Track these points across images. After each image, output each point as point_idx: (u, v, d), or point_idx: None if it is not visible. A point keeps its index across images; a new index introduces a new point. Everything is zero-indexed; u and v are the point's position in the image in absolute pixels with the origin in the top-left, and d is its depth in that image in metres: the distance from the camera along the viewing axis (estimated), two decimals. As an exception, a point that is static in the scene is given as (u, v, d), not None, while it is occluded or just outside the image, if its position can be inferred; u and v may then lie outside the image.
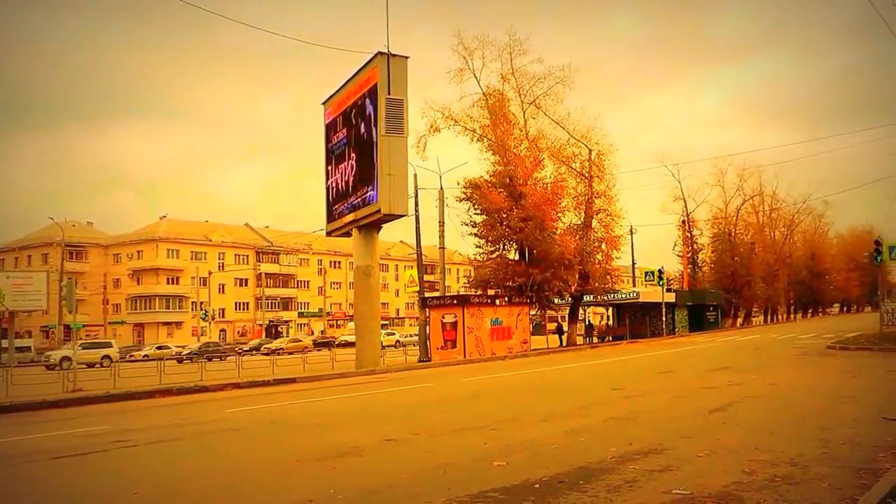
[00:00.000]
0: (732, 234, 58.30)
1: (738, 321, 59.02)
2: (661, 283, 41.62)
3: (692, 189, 60.95)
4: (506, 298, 31.24)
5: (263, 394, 17.05)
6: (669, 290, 44.66)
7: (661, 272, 42.80)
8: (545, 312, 39.83)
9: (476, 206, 32.33)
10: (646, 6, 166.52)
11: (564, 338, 36.72)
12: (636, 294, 42.53)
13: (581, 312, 43.80)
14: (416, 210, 29.03)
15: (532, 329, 33.85)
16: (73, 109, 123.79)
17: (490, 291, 32.72)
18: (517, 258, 33.27)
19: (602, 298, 39.02)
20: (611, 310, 48.32)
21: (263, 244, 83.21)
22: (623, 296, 41.72)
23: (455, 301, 30.59)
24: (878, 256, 28.31)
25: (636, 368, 20.33)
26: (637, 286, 47.88)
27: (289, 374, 21.38)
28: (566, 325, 37.68)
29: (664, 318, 41.42)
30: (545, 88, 33.54)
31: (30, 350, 46.78)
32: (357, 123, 25.36)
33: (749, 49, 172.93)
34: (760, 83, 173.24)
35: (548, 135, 35.08)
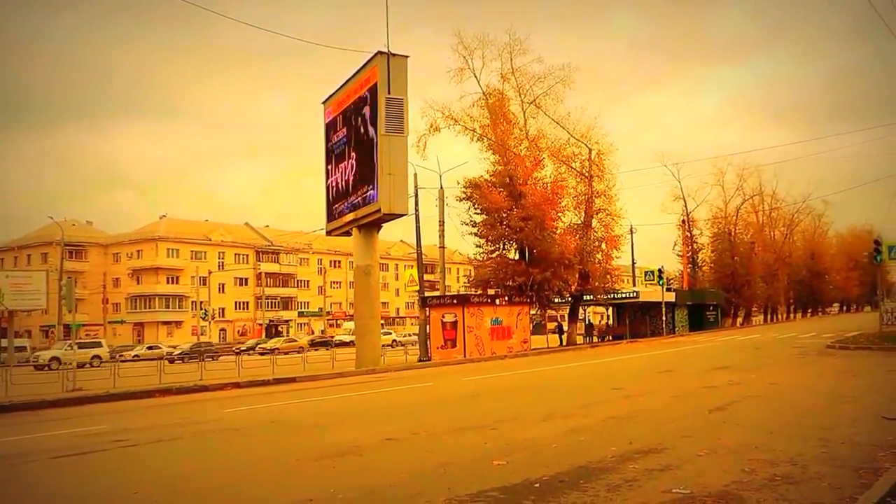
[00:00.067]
0: (732, 234, 58.34)
1: (738, 321, 59.04)
2: (661, 283, 41.66)
3: (692, 189, 61.23)
4: (506, 298, 31.24)
5: (263, 393, 17.06)
6: (669, 290, 44.67)
7: (661, 272, 42.85)
8: (545, 312, 39.84)
9: (476, 206, 32.33)
10: (646, 6, 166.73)
11: (564, 337, 36.73)
12: (636, 293, 42.55)
13: (581, 312, 43.80)
14: (416, 209, 29.07)
15: (532, 328, 33.83)
16: (73, 109, 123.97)
17: (490, 291, 32.72)
18: (517, 258, 33.26)
19: (602, 298, 39.01)
20: (611, 309, 48.35)
21: (263, 243, 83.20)
22: (623, 295, 41.74)
23: (455, 300, 30.60)
24: (878, 256, 28.32)
25: (636, 368, 20.33)
26: (637, 286, 47.91)
27: (289, 374, 21.38)
28: (566, 325, 37.68)
29: (664, 318, 41.46)
30: (545, 88, 33.58)
31: (25, 350, 46.47)
32: (357, 123, 25.35)
33: (749, 49, 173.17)
34: (760, 83, 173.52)
35: (548, 134, 35.13)
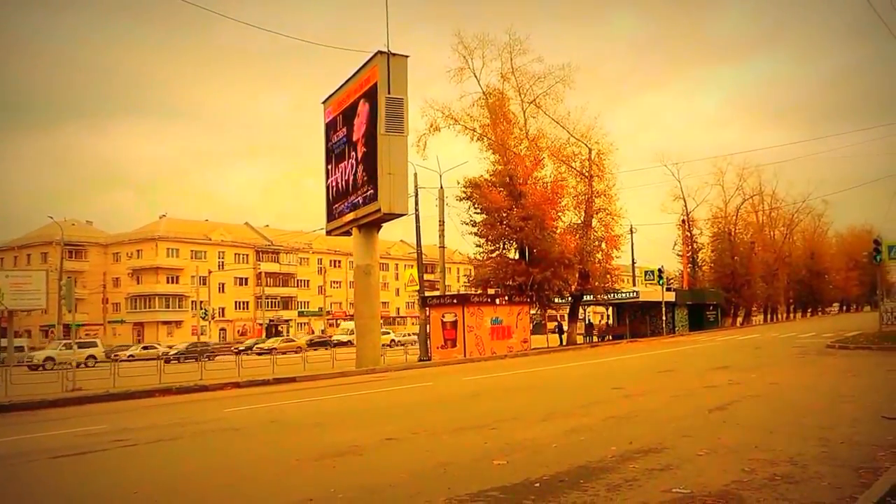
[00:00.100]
0: (732, 234, 58.38)
1: (738, 320, 59.06)
2: (661, 283, 41.68)
3: (692, 188, 61.22)
4: (506, 297, 31.24)
5: (263, 393, 17.06)
6: (669, 290, 44.69)
7: (661, 271, 42.89)
8: (545, 311, 39.84)
9: (476, 206, 32.33)
10: (646, 6, 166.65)
11: (564, 337, 36.74)
12: (636, 293, 42.57)
13: (581, 312, 43.82)
14: (417, 209, 29.08)
15: (532, 328, 33.85)
16: (73, 108, 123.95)
17: (490, 290, 32.72)
18: (517, 257, 33.26)
19: (602, 298, 39.03)
20: (611, 309, 48.36)
21: (263, 243, 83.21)
22: (623, 295, 41.76)
23: (455, 300, 30.61)
24: (878, 256, 28.33)
25: (636, 367, 20.33)
26: (637, 285, 47.93)
27: (289, 374, 21.37)
28: (566, 325, 37.69)
29: (664, 318, 41.48)
30: (545, 88, 33.61)
31: (23, 349, 46.19)
32: (357, 123, 25.36)
33: (749, 49, 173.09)
34: (760, 83, 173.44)
35: (548, 134, 35.15)
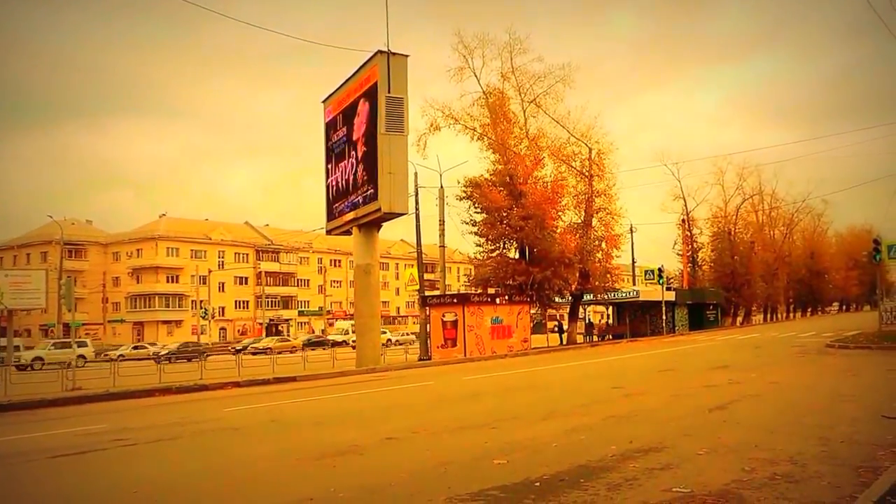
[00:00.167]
0: (732, 233, 58.35)
1: (738, 320, 59.07)
2: (661, 282, 41.69)
3: (692, 188, 61.07)
4: (506, 297, 31.22)
5: (263, 392, 17.06)
6: (669, 289, 44.69)
7: (661, 271, 42.87)
8: (545, 311, 39.86)
9: (476, 205, 32.31)
10: (646, 5, 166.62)
11: (565, 336, 36.74)
12: (636, 293, 42.57)
13: (581, 311, 43.81)
14: (417, 208, 29.06)
15: (532, 327, 33.84)
16: (73, 107, 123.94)
17: (490, 290, 32.71)
18: (517, 257, 33.25)
19: (602, 297, 39.02)
20: (611, 308, 48.34)
21: (263, 242, 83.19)
22: (623, 294, 41.74)
23: (455, 300, 30.58)
24: (877, 255, 28.32)
25: (636, 367, 20.34)
26: (637, 285, 47.92)
27: (289, 373, 21.37)
28: (566, 324, 37.69)
29: (664, 317, 41.48)
30: (545, 87, 33.56)
31: (19, 349, 46.06)
32: (357, 122, 25.35)
33: (749, 48, 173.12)
34: (760, 82, 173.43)
35: (548, 133, 35.11)
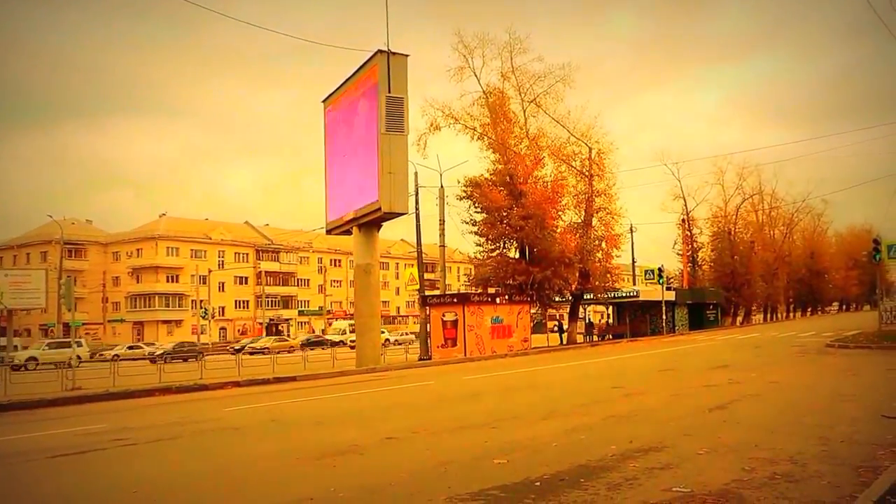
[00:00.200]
0: (732, 233, 58.35)
1: (738, 320, 59.08)
2: (661, 282, 41.70)
3: (692, 187, 61.07)
4: (506, 297, 31.22)
5: (263, 392, 17.05)
6: (669, 289, 44.70)
7: (661, 271, 42.89)
8: (546, 311, 39.86)
9: (476, 205, 32.32)
10: (646, 5, 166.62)
11: (565, 336, 36.75)
12: (636, 292, 42.57)
13: (581, 311, 43.81)
14: (417, 208, 29.05)
15: (532, 327, 33.84)
16: (72, 107, 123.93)
17: (490, 290, 32.70)
18: (517, 256, 33.25)
19: (602, 297, 39.02)
20: (611, 308, 48.35)
21: (263, 242, 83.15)
22: (623, 294, 41.75)
23: (455, 299, 30.58)
24: (877, 255, 28.31)
25: (636, 367, 20.34)
26: (637, 284, 47.93)
27: (289, 373, 21.37)
28: (566, 324, 37.70)
29: (664, 317, 41.49)
30: (545, 87, 33.58)
31: (16, 349, 45.97)
32: (357, 121, 25.35)
33: (749, 48, 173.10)
34: (760, 82, 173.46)
35: (548, 133, 35.12)
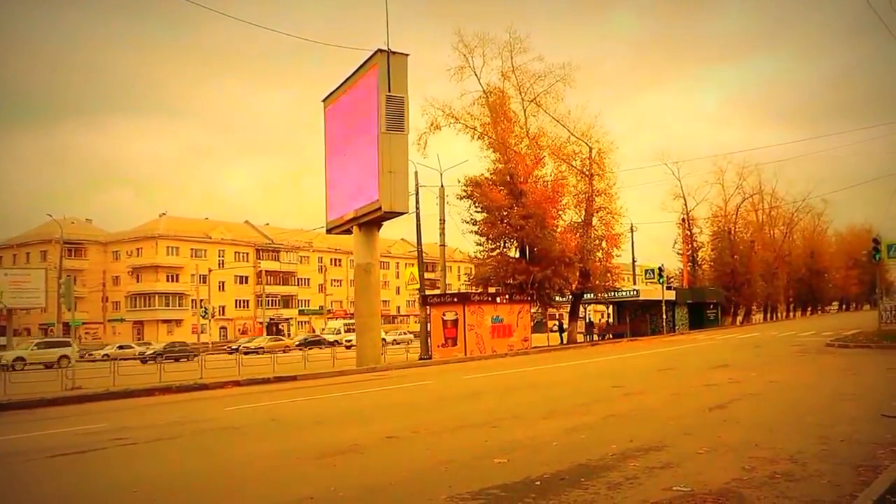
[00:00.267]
0: (732, 233, 58.34)
1: (738, 319, 59.09)
2: (662, 281, 41.74)
3: (692, 187, 60.76)
4: (506, 296, 31.24)
5: (263, 392, 17.05)
6: (669, 288, 44.73)
7: (662, 270, 42.94)
8: (546, 310, 39.85)
9: (477, 204, 32.33)
10: (646, 5, 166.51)
11: (565, 335, 36.77)
12: (636, 292, 42.58)
13: (582, 310, 43.82)
14: (417, 208, 29.05)
15: (533, 327, 33.85)
16: (72, 106, 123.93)
17: (491, 289, 32.71)
18: (518, 256, 33.25)
19: (602, 296, 39.02)
20: (611, 307, 48.34)
21: (263, 241, 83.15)
22: (623, 293, 41.75)
23: (456, 299, 30.59)
24: (877, 254, 28.31)
25: (636, 366, 20.34)
26: (637, 284, 47.93)
27: (289, 372, 21.38)
28: (567, 323, 37.71)
29: (664, 316, 41.51)
30: (546, 86, 33.64)
31: (4, 349, 45.64)
32: (357, 121, 25.34)
33: (749, 48, 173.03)
34: (761, 82, 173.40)
35: (548, 132, 35.16)
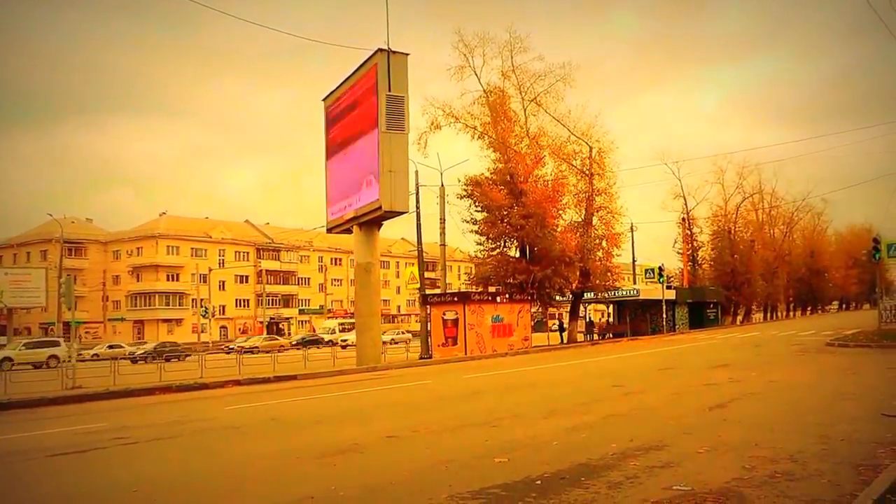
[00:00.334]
0: (732, 232, 58.32)
1: (738, 318, 59.08)
2: (662, 281, 41.72)
3: (692, 187, 60.83)
4: (507, 295, 31.23)
5: (264, 391, 17.06)
6: (670, 288, 44.71)
7: (662, 269, 42.90)
8: (546, 309, 39.86)
9: (477, 204, 32.34)
10: (646, 4, 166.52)
11: (565, 335, 36.77)
12: (637, 291, 42.58)
13: (582, 310, 43.81)
14: (417, 207, 29.04)
15: (533, 326, 33.85)
16: (73, 106, 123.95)
17: (491, 288, 32.73)
18: (518, 255, 33.26)
19: (603, 296, 39.02)
20: (611, 307, 48.33)
21: (264, 241, 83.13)
22: (624, 293, 41.73)
23: (456, 298, 30.55)
24: (877, 254, 28.30)
25: (636, 365, 20.33)
26: (637, 283, 47.93)
27: (289, 371, 21.39)
28: (567, 323, 37.72)
29: (664, 316, 41.50)
30: (546, 86, 33.62)
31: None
32: (358, 120, 25.34)
33: (749, 48, 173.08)
34: (760, 82, 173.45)
35: (548, 132, 35.14)
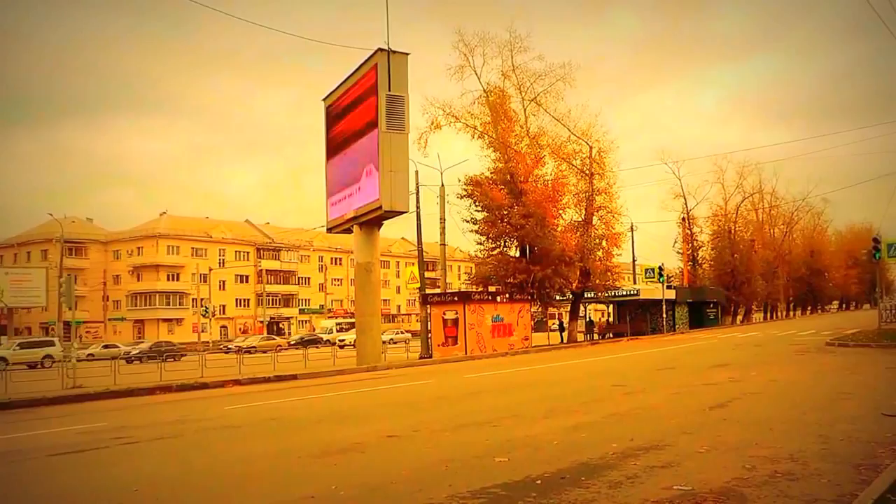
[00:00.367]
0: (732, 232, 58.36)
1: (738, 318, 59.13)
2: (662, 281, 41.73)
3: (692, 186, 60.88)
4: (507, 295, 31.24)
5: (264, 390, 17.07)
6: (670, 288, 44.71)
7: (662, 269, 42.91)
8: (546, 309, 39.91)
9: (477, 203, 32.37)
10: (646, 4, 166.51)
11: (565, 335, 36.80)
12: (637, 291, 42.60)
13: (582, 309, 43.85)
14: (418, 207, 29.07)
15: (533, 326, 33.88)
16: (73, 105, 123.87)
17: (491, 288, 32.72)
18: (518, 255, 33.28)
19: (603, 295, 39.06)
20: (611, 307, 48.37)
21: (264, 241, 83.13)
22: (624, 293, 41.78)
23: (456, 298, 30.55)
24: (877, 253, 28.34)
25: (637, 365, 20.33)
26: (637, 283, 47.92)
27: (290, 371, 21.40)
28: (567, 322, 37.73)
29: (664, 315, 41.52)
30: (546, 86, 33.68)
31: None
32: (358, 120, 25.35)
33: (749, 48, 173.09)
34: (760, 81, 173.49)
35: (548, 132, 35.20)
